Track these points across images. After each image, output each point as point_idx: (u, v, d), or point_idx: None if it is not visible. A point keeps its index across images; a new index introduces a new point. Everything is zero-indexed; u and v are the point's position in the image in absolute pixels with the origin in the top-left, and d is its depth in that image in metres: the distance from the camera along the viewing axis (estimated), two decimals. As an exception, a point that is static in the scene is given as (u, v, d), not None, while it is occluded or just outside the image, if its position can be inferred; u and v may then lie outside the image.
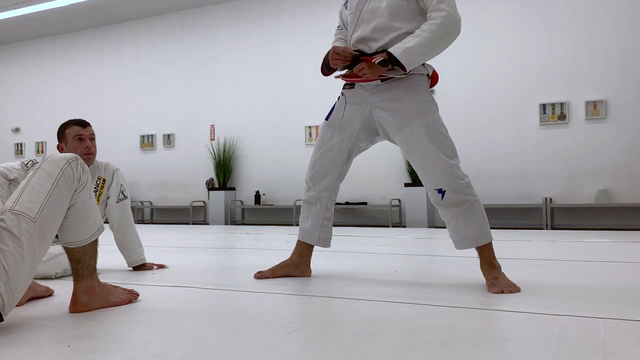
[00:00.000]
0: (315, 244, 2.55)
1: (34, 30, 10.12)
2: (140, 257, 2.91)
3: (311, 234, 2.54)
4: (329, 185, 2.50)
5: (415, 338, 1.44)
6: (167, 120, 9.25)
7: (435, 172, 2.20)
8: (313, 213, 2.53)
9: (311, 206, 2.53)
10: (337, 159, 2.48)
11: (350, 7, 2.44)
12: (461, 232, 2.23)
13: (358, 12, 2.37)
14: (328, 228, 2.55)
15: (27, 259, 1.57)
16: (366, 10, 2.34)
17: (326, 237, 2.56)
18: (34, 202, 1.63)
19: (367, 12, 2.33)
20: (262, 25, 8.54)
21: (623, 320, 1.59)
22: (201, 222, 8.80)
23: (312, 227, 2.53)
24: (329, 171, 2.49)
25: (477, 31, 7.11)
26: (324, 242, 2.56)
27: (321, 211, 2.52)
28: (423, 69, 2.33)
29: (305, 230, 2.56)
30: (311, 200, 2.52)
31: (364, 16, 2.35)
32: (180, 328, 1.59)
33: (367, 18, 2.33)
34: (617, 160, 6.37)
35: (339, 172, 2.51)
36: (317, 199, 2.51)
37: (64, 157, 1.77)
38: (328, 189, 2.51)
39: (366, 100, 2.37)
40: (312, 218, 2.53)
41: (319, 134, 2.55)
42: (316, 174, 2.50)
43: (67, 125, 2.71)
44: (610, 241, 4.45)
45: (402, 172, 7.37)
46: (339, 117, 2.46)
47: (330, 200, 2.53)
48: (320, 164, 2.50)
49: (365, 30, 2.33)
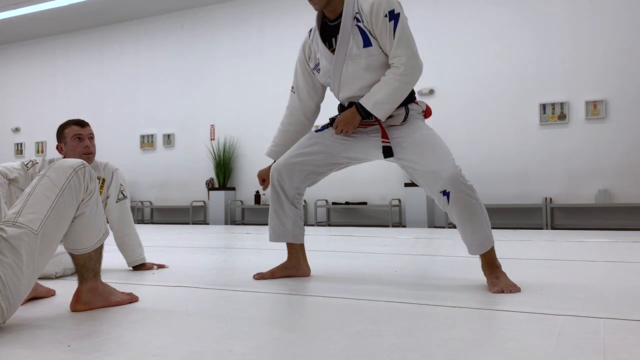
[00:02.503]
0: (289, 240, 2.54)
1: (34, 30, 10.12)
2: (140, 257, 2.91)
3: (284, 232, 2.52)
4: (293, 185, 2.49)
5: (415, 338, 1.44)
6: (167, 120, 9.25)
7: (440, 174, 2.16)
8: (284, 209, 2.50)
9: (280, 202, 2.50)
10: (309, 164, 2.45)
11: (324, 72, 2.40)
12: (469, 238, 2.22)
13: (338, 77, 2.35)
14: (299, 224, 2.54)
15: (26, 271, 1.55)
16: (346, 73, 2.33)
17: (298, 232, 2.54)
18: (37, 213, 1.60)
19: (348, 76, 2.33)
20: (263, 25, 8.54)
21: (623, 320, 1.59)
22: (201, 222, 8.80)
23: (284, 224, 2.51)
24: (297, 172, 2.46)
25: (477, 31, 7.11)
26: (296, 238, 2.54)
27: (290, 207, 2.50)
28: (417, 107, 2.38)
29: (276, 230, 2.53)
30: (279, 196, 2.49)
31: (345, 79, 2.35)
32: (180, 328, 1.59)
33: (349, 80, 2.34)
34: (617, 160, 6.37)
35: (305, 177, 2.48)
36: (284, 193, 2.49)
37: (71, 165, 1.72)
38: (293, 189, 2.50)
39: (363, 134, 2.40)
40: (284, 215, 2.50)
41: (303, 137, 2.52)
42: (283, 170, 2.46)
43: (65, 125, 2.72)
44: (610, 241, 4.45)
45: (402, 172, 7.35)
46: (329, 134, 2.45)
47: (296, 199, 2.52)
48: (291, 162, 2.46)
49: (352, 90, 2.35)
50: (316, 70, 2.46)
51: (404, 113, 2.31)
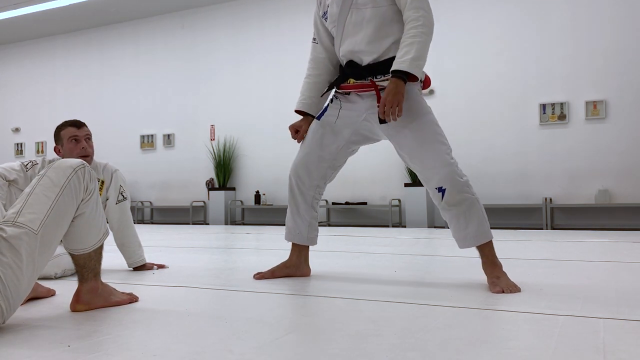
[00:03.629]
0: (303, 243, 2.54)
1: (34, 30, 10.12)
2: (140, 258, 2.91)
3: (299, 234, 2.54)
4: (312, 184, 2.49)
5: (415, 338, 1.44)
6: (167, 120, 9.25)
7: (436, 170, 2.20)
8: (299, 212, 2.52)
9: (296, 205, 2.52)
10: (325, 159, 2.46)
11: (331, 19, 2.39)
12: (462, 232, 2.22)
13: (341, 25, 2.33)
14: (314, 226, 2.55)
15: (26, 271, 1.55)
16: (349, 22, 2.30)
17: (313, 235, 2.56)
18: (37, 213, 1.60)
19: (351, 25, 2.30)
20: (263, 25, 8.54)
21: (623, 320, 1.59)
22: (201, 222, 8.80)
23: (299, 226, 2.53)
24: (314, 170, 2.47)
25: (478, 31, 7.11)
26: (311, 241, 2.56)
27: (308, 210, 2.51)
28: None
29: (292, 231, 2.55)
30: (296, 198, 2.51)
31: (348, 29, 2.31)
32: (180, 328, 1.59)
33: (352, 30, 2.30)
34: (617, 160, 6.37)
35: (325, 172, 2.49)
36: (302, 196, 2.50)
37: (70, 165, 1.72)
38: (312, 188, 2.50)
39: (361, 107, 2.37)
40: (300, 217, 2.52)
41: (308, 131, 2.50)
42: (301, 171, 2.48)
43: (62, 127, 2.70)
44: (610, 241, 4.45)
45: (402, 172, 7.37)
46: (332, 119, 2.44)
47: (315, 199, 2.53)
48: (306, 161, 2.47)
49: (353, 43, 2.31)
50: (324, 17, 2.44)
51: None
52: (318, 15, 2.50)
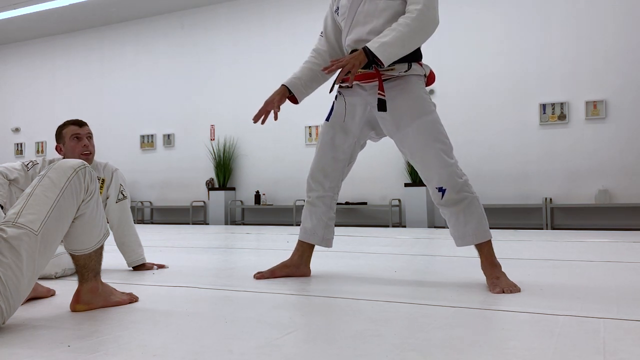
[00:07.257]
0: (318, 244, 2.55)
1: (34, 30, 10.12)
2: (140, 257, 2.91)
3: (314, 234, 2.54)
4: (331, 185, 2.51)
5: (415, 338, 1.44)
6: (167, 120, 9.25)
7: (436, 171, 2.21)
8: (316, 213, 2.52)
9: (314, 207, 2.53)
10: (340, 159, 2.49)
11: (342, 10, 2.41)
12: (461, 230, 2.23)
13: (352, 14, 2.35)
14: (331, 228, 2.56)
15: (26, 272, 1.55)
16: (361, 12, 2.32)
17: (329, 237, 2.56)
18: (37, 214, 1.59)
19: (363, 14, 2.31)
20: (263, 25, 8.54)
21: (623, 320, 1.59)
22: (201, 222, 8.80)
23: (315, 227, 2.53)
24: (331, 172, 2.50)
25: (477, 31, 7.11)
26: (327, 242, 2.56)
27: (326, 212, 2.52)
28: (420, 69, 2.33)
29: (308, 231, 2.55)
30: (314, 201, 2.52)
31: (358, 18, 2.33)
32: (180, 328, 1.59)
33: (362, 20, 2.32)
34: (617, 160, 6.37)
35: (341, 172, 2.53)
36: (321, 199, 2.51)
37: (71, 166, 1.71)
38: (331, 189, 2.52)
39: (365, 100, 2.37)
40: (316, 218, 2.53)
41: (319, 134, 2.54)
42: (318, 175, 2.50)
43: (64, 125, 2.73)
44: (610, 241, 4.45)
45: (402, 172, 7.37)
46: (340, 118, 2.45)
47: (333, 200, 2.54)
48: (322, 164, 2.50)
49: (361, 32, 2.31)
50: (337, 12, 2.47)
51: (406, 68, 2.27)
52: (331, 10, 2.54)
